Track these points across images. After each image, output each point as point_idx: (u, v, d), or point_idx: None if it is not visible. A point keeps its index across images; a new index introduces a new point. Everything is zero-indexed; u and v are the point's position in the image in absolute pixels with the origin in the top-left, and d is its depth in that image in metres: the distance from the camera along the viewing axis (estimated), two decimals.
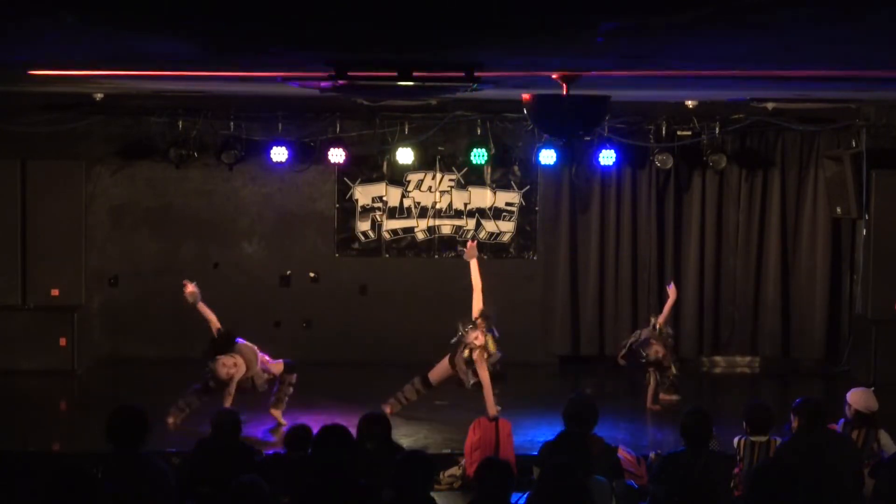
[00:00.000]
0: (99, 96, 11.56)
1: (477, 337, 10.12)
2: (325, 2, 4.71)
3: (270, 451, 8.31)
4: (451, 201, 13.69)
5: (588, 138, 12.68)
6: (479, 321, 10.22)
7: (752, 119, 12.75)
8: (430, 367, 10.50)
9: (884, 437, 7.82)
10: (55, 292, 12.74)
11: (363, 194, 13.65)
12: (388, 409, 10.14)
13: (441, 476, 8.97)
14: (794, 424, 7.51)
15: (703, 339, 13.62)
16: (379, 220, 13.68)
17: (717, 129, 12.99)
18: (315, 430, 6.79)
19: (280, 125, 13.09)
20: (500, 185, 13.68)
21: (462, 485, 8.96)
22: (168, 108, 12.79)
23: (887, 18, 4.95)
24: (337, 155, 12.79)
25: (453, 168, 13.61)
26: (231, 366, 10.03)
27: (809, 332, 13.46)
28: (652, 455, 8.58)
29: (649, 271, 13.55)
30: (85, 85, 10.13)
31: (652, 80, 8.61)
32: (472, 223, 13.72)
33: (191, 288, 10.19)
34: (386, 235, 13.70)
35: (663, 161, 13.06)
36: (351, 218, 13.67)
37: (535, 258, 13.78)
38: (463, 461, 9.08)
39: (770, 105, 11.58)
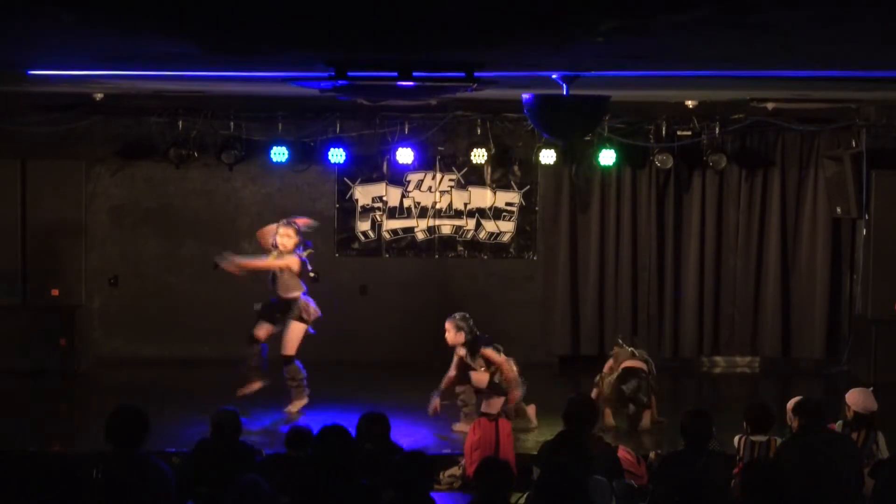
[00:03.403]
0: (99, 96, 11.56)
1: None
2: (325, 2, 4.72)
3: (270, 451, 8.30)
4: (451, 201, 13.69)
5: (588, 138, 12.69)
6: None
7: (752, 119, 12.75)
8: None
9: (881, 439, 7.81)
10: (55, 292, 12.74)
11: (363, 194, 13.65)
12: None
13: (441, 476, 8.97)
14: (794, 424, 7.51)
15: (703, 339, 13.62)
16: (379, 220, 13.68)
17: (717, 129, 12.99)
18: (315, 430, 6.79)
19: (280, 125, 13.09)
20: (500, 185, 13.68)
21: (462, 485, 8.96)
22: (168, 108, 12.79)
23: (886, 18, 4.95)
24: (337, 155, 12.80)
25: (453, 168, 13.61)
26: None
27: (809, 332, 13.46)
28: (652, 455, 8.58)
29: (649, 271, 13.55)
30: (85, 85, 10.13)
31: (652, 80, 8.61)
32: (472, 223, 13.72)
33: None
34: (386, 235, 13.71)
35: (663, 161, 13.06)
36: (351, 218, 13.67)
37: (535, 258, 13.78)
38: (463, 461, 9.09)
39: (770, 105, 11.57)
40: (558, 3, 4.68)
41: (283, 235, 10.66)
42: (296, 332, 10.68)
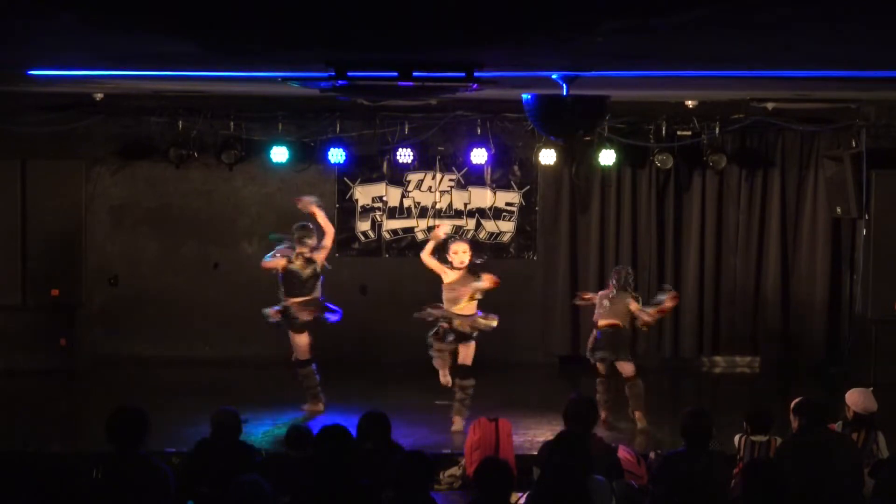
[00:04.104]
0: (99, 96, 11.55)
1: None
2: (325, 2, 4.72)
3: (270, 451, 8.31)
4: (451, 201, 13.69)
5: (588, 138, 12.68)
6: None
7: (752, 119, 12.74)
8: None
9: (881, 439, 7.81)
10: (55, 292, 12.74)
11: (363, 194, 13.66)
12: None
13: (441, 476, 8.97)
14: (794, 424, 7.51)
15: (703, 339, 13.62)
16: (379, 220, 13.69)
17: (717, 129, 12.99)
18: (315, 430, 6.80)
19: (280, 125, 13.09)
20: (500, 185, 13.68)
21: (462, 485, 8.96)
22: (168, 108, 12.79)
23: (886, 18, 4.95)
24: (337, 155, 12.80)
25: (453, 168, 13.61)
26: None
27: (809, 332, 13.46)
28: (652, 455, 8.58)
29: (649, 271, 13.54)
30: (85, 85, 10.13)
31: (652, 80, 8.61)
32: (472, 223, 13.72)
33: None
34: (386, 235, 13.71)
35: (663, 161, 13.06)
36: (351, 218, 13.67)
37: (535, 258, 13.78)
38: (463, 461, 9.09)
39: (770, 105, 11.57)
40: (558, 3, 4.68)
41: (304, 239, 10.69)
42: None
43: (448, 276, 10.30)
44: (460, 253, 10.26)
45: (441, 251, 10.44)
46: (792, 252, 13.53)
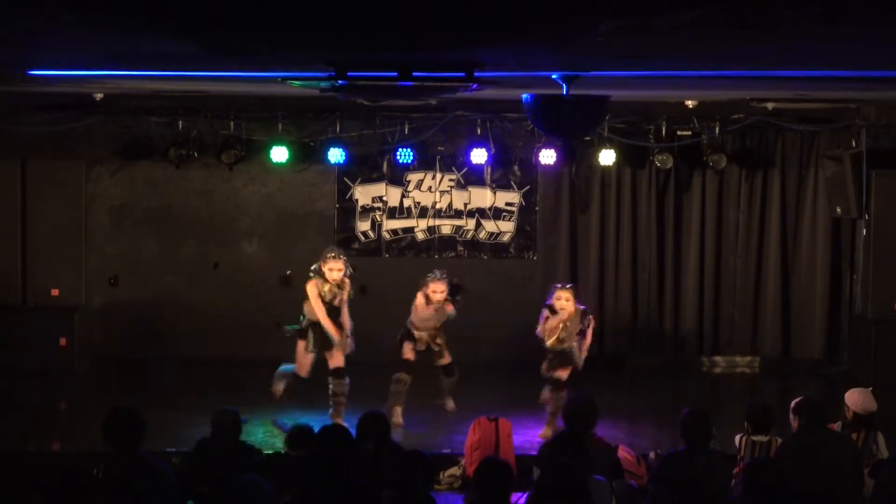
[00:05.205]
0: (99, 96, 11.55)
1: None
2: (325, 2, 4.72)
3: (270, 451, 8.30)
4: (451, 201, 13.69)
5: (588, 138, 12.69)
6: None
7: (752, 119, 12.75)
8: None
9: (880, 439, 7.81)
10: (55, 292, 12.74)
11: (363, 194, 13.65)
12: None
13: (441, 476, 8.97)
14: (794, 424, 7.52)
15: (703, 339, 13.62)
16: (379, 220, 13.69)
17: (717, 129, 12.99)
18: (315, 430, 6.80)
19: (280, 125, 13.09)
20: (500, 185, 13.68)
21: (462, 485, 8.96)
22: (168, 108, 12.79)
23: (886, 18, 4.95)
24: (337, 155, 12.80)
25: (453, 168, 13.61)
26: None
27: (809, 332, 13.47)
28: (652, 455, 8.59)
29: (649, 271, 13.55)
30: (85, 85, 10.13)
31: (652, 80, 8.61)
32: (472, 223, 13.72)
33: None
34: (386, 235, 13.71)
35: (663, 161, 13.06)
36: (351, 218, 13.67)
37: (535, 258, 13.78)
38: (463, 461, 9.09)
39: (770, 105, 11.58)
40: (558, 3, 4.68)
41: (335, 270, 10.58)
42: None
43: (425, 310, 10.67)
44: (439, 293, 10.54)
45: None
46: (792, 252, 13.54)
